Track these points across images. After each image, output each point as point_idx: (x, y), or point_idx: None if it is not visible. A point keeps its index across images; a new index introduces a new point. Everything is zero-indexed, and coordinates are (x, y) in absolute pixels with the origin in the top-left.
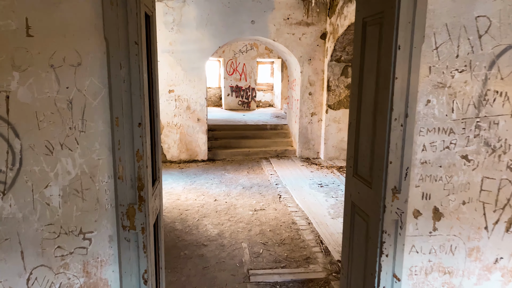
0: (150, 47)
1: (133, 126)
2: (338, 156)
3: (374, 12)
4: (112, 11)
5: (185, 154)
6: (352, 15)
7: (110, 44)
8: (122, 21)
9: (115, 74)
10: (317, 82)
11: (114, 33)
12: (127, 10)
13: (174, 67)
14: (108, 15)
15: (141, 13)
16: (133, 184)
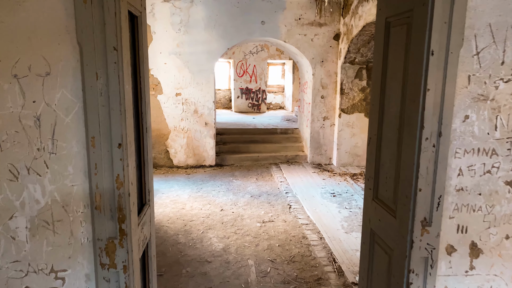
0: (138, 52)
1: (112, 147)
2: (351, 162)
3: (401, 11)
4: (86, 10)
5: (192, 159)
6: (367, 15)
7: (84, 50)
8: (98, 23)
9: (90, 85)
10: (329, 85)
11: (89, 37)
12: (104, 10)
13: (181, 69)
14: (81, 15)
15: (123, 13)
16: (113, 215)
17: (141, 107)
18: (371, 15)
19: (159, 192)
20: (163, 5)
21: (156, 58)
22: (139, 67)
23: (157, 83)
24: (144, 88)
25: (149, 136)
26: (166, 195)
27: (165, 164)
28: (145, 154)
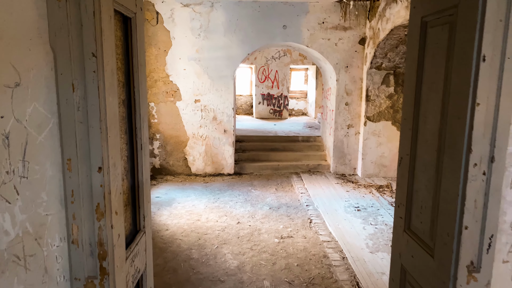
0: (132, 59)
1: (91, 171)
2: (377, 173)
3: (442, 7)
4: (60, 9)
5: (210, 167)
6: (396, 18)
7: (58, 56)
8: (74, 24)
9: (66, 98)
10: (354, 92)
11: (63, 41)
12: (81, 8)
13: (200, 75)
14: (54, 16)
15: (105, 13)
16: (93, 251)
17: (135, 121)
18: (400, 18)
19: (175, 202)
20: (183, 10)
21: (175, 64)
22: (133, 75)
23: (176, 90)
24: (139, 99)
25: (145, 154)
26: (182, 205)
27: (183, 171)
28: (140, 174)
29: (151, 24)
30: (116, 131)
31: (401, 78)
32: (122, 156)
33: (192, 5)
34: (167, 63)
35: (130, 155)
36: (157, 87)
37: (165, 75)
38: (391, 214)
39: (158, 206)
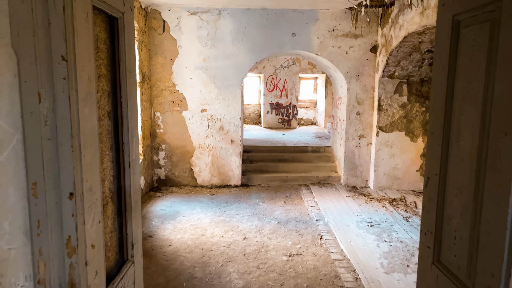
0: (119, 64)
1: (61, 198)
2: (390, 186)
3: (480, 3)
4: (24, 5)
5: (216, 178)
6: (410, 24)
7: (22, 60)
8: (41, 23)
9: (31, 111)
10: (366, 101)
11: (28, 43)
12: (49, 3)
13: (207, 84)
14: (16, 13)
15: (79, 9)
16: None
17: (122, 136)
18: (414, 24)
19: (179, 215)
20: (190, 18)
21: (182, 73)
22: (120, 83)
23: (182, 99)
24: (128, 111)
25: (134, 172)
26: (186, 218)
27: (189, 183)
28: (127, 196)
29: (157, 33)
30: (93, 149)
31: (414, 87)
32: (107, 176)
33: (199, 13)
34: (174, 72)
35: (117, 174)
36: (163, 97)
37: (171, 84)
38: (406, 230)
39: (162, 220)
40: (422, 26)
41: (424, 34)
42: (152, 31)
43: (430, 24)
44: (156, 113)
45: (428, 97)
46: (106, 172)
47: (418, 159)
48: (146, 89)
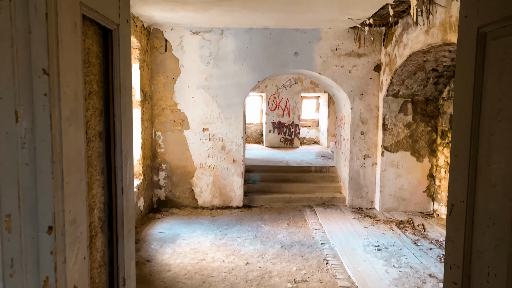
0: (113, 80)
1: (38, 233)
2: (396, 207)
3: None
4: (2, 11)
5: (218, 199)
6: (414, 43)
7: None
8: (21, 31)
9: (6, 132)
10: (370, 120)
11: (5, 54)
12: (30, 10)
13: (209, 103)
14: None
15: (64, 17)
16: None
17: (115, 159)
18: (419, 43)
19: (179, 238)
20: (192, 37)
21: (184, 92)
22: (113, 101)
23: (184, 118)
24: (121, 131)
25: (128, 199)
26: (186, 241)
27: (189, 204)
28: (119, 225)
29: (159, 52)
30: (79, 175)
31: (419, 106)
32: (97, 204)
33: (201, 32)
34: (175, 91)
35: (109, 201)
36: (165, 116)
37: (173, 104)
38: (416, 255)
39: (161, 243)
40: (427, 44)
41: (429, 52)
42: (154, 50)
43: (435, 42)
44: (157, 133)
45: (433, 116)
46: (96, 199)
47: (425, 179)
48: (147, 108)
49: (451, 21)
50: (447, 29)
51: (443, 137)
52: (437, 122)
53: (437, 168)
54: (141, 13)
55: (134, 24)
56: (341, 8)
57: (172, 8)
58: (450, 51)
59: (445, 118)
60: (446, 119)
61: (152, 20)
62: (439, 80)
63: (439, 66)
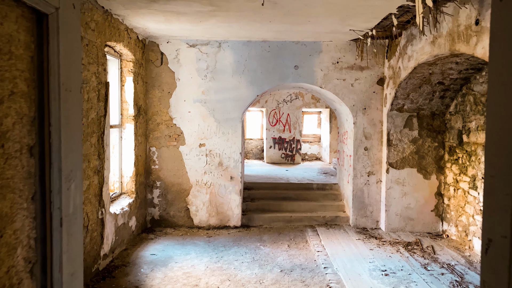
0: (49, 80)
1: None
2: (403, 227)
3: None
4: None
5: (215, 218)
6: (420, 55)
7: None
8: None
9: None
10: (374, 135)
11: None
12: None
13: (206, 118)
14: None
15: None
16: None
17: (50, 181)
18: (424, 55)
19: (172, 261)
20: (189, 50)
21: (180, 106)
22: (50, 105)
23: (180, 133)
24: (60, 144)
25: (72, 232)
26: (179, 264)
27: (184, 223)
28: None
29: (155, 65)
30: None
31: (425, 121)
32: (22, 240)
33: (198, 45)
34: (171, 106)
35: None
36: (160, 131)
37: (168, 118)
38: (427, 281)
39: (152, 267)
40: (434, 56)
41: (435, 65)
42: (150, 63)
43: (442, 53)
44: (151, 148)
45: (440, 131)
46: (21, 234)
47: (433, 198)
48: (141, 123)
49: (460, 30)
50: (455, 38)
51: (451, 153)
52: (444, 138)
53: (446, 186)
54: (135, 25)
55: (128, 37)
56: (342, 19)
57: (166, 19)
58: (457, 63)
59: (453, 133)
60: (454, 134)
61: (147, 32)
62: (446, 93)
63: (446, 79)
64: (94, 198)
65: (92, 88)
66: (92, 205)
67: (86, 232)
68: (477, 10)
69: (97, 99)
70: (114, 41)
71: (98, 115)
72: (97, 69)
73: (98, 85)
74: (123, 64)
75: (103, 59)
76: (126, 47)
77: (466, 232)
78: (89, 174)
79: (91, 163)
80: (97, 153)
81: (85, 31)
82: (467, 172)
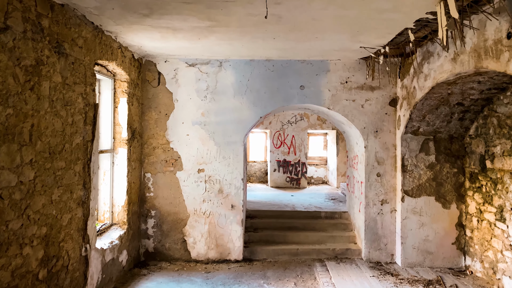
0: None
1: None
2: (421, 262)
3: None
4: None
5: (214, 251)
6: (438, 73)
7: None
8: None
9: None
10: (387, 160)
11: None
12: None
13: (205, 141)
14: None
15: None
16: None
17: None
18: (444, 73)
19: None
20: (188, 70)
21: (177, 129)
22: None
23: (177, 158)
24: None
25: None
26: None
27: (181, 257)
28: None
29: (152, 86)
30: None
31: (443, 144)
32: None
33: (198, 64)
34: (168, 128)
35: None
36: (156, 155)
37: (165, 142)
38: None
39: None
40: (455, 74)
41: (455, 84)
42: (146, 83)
43: (465, 72)
44: (146, 174)
45: (459, 156)
46: None
47: (453, 229)
48: (136, 147)
49: (487, 45)
50: (482, 54)
51: (472, 180)
52: (464, 163)
53: (467, 216)
54: (129, 43)
55: (123, 55)
56: (352, 35)
57: (162, 36)
58: (480, 82)
59: (474, 158)
60: (476, 160)
61: (143, 51)
62: (465, 115)
63: (466, 99)
64: (76, 233)
65: (77, 110)
66: (74, 241)
67: (66, 273)
68: (509, 22)
69: (84, 122)
70: (106, 60)
71: (84, 140)
72: (84, 89)
73: (86, 107)
74: (116, 84)
75: (91, 78)
76: (120, 66)
77: (494, 270)
78: (72, 206)
79: (74, 194)
80: (82, 182)
81: (71, 48)
82: (492, 202)
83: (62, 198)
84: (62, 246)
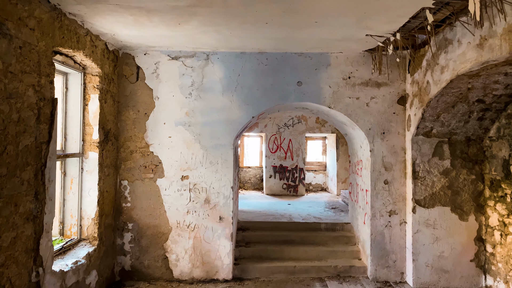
0: None
1: None
2: (436, 281)
3: None
4: None
5: (199, 269)
6: (459, 63)
7: None
8: None
9: None
10: (395, 166)
11: None
12: None
13: (190, 144)
14: None
15: None
16: None
17: None
18: (467, 62)
19: None
20: (171, 63)
21: (158, 130)
22: None
23: (158, 163)
24: None
25: None
26: None
27: (162, 276)
28: None
29: (129, 81)
30: None
31: (459, 148)
32: None
33: (182, 57)
34: (148, 129)
35: None
36: (133, 160)
37: (144, 145)
38: None
39: None
40: (481, 63)
41: (478, 77)
42: (123, 79)
43: (495, 59)
44: (122, 182)
45: (477, 161)
46: None
47: (472, 244)
48: (110, 150)
49: None
50: None
51: (493, 189)
52: (483, 169)
53: (488, 229)
54: (100, 30)
55: (92, 44)
56: (358, 19)
57: (135, 19)
58: (506, 74)
59: (495, 163)
60: (498, 165)
61: (118, 41)
62: (485, 114)
63: (488, 95)
64: (24, 255)
65: (27, 105)
66: (20, 265)
67: None
68: None
69: (37, 120)
70: (70, 48)
71: (37, 141)
72: (37, 81)
73: (39, 101)
74: (87, 78)
75: (49, 68)
76: (90, 58)
77: None
78: (16, 222)
79: (20, 207)
80: (33, 192)
81: (18, 29)
82: None
83: (2, 213)
84: (2, 272)
